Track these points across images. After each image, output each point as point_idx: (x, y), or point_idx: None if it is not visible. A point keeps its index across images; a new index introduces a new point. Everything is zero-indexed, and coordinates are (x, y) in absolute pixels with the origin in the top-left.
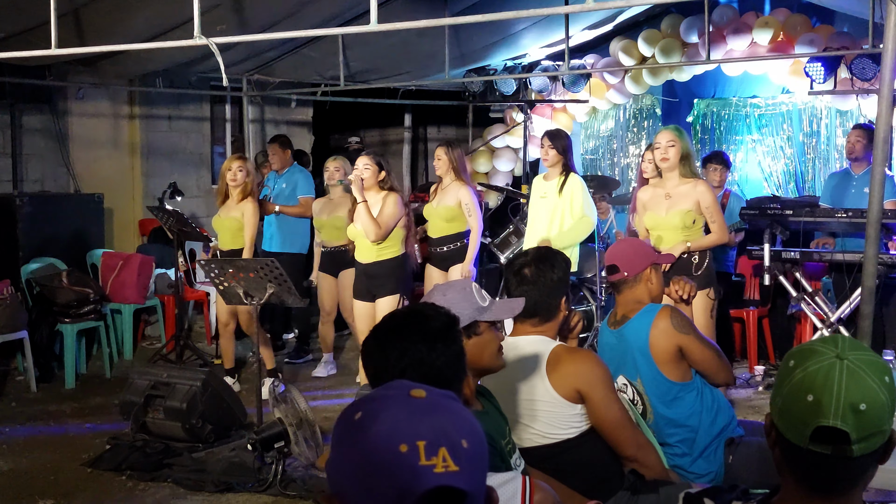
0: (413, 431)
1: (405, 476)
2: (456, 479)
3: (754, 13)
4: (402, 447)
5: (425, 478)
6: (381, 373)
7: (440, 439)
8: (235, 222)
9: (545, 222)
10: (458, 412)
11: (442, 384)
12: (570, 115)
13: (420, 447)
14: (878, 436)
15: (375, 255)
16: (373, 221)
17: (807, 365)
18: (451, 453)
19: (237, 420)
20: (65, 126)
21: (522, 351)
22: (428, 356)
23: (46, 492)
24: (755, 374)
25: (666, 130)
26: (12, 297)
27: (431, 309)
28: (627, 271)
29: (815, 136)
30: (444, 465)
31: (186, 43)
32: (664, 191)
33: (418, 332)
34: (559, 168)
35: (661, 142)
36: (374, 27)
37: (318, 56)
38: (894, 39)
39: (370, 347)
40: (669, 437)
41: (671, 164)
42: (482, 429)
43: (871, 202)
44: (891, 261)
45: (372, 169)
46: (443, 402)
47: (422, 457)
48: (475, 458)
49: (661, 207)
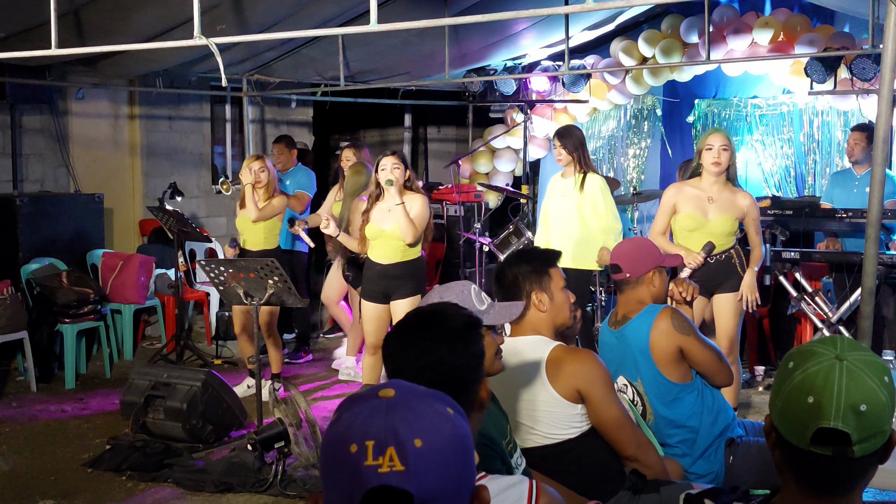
0: (364, 431)
1: (352, 476)
2: (401, 479)
3: (754, 13)
4: (352, 447)
5: (368, 477)
6: (401, 371)
7: (388, 439)
8: (268, 222)
9: (572, 220)
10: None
11: (459, 385)
12: (571, 116)
13: (369, 447)
14: (879, 436)
15: (401, 256)
16: (410, 223)
17: (806, 366)
18: (399, 453)
19: (237, 420)
20: (65, 126)
21: (522, 352)
22: (447, 356)
23: (46, 492)
24: (755, 374)
25: (719, 133)
26: (12, 297)
27: (453, 309)
28: (630, 272)
29: (816, 136)
30: (389, 465)
31: (186, 43)
32: (706, 194)
33: (439, 332)
34: (574, 166)
35: (715, 144)
36: (374, 27)
37: (318, 56)
38: (894, 39)
39: (391, 346)
40: (670, 437)
41: (723, 168)
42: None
43: (871, 202)
44: (890, 261)
45: (401, 168)
46: (411, 401)
47: (369, 457)
48: (431, 459)
49: (704, 209)
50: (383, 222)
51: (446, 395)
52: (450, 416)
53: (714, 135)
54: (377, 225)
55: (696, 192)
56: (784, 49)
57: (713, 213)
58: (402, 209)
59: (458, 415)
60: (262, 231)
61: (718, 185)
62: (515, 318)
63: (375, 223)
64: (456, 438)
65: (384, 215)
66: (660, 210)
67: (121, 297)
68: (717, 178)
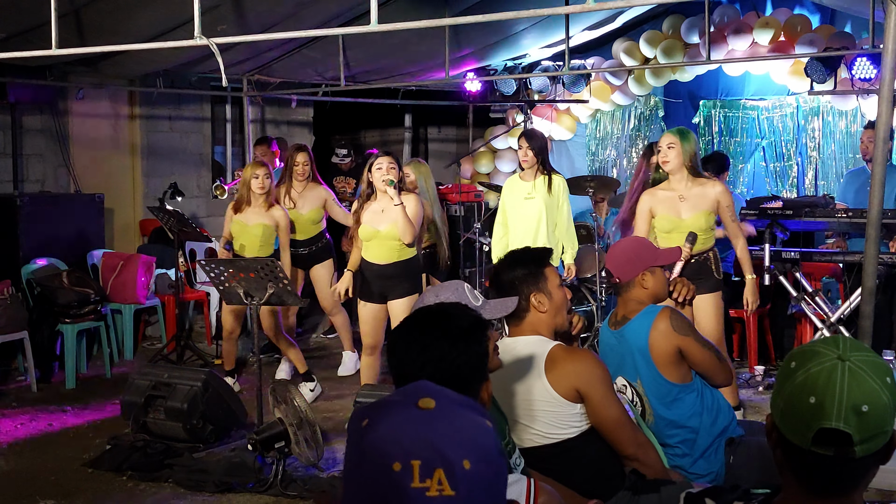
0: (409, 449)
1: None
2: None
3: (755, 13)
4: (395, 465)
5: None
6: (403, 367)
7: (437, 460)
8: (266, 229)
9: (539, 222)
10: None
11: (460, 383)
12: (574, 117)
13: (414, 467)
14: (881, 437)
15: (397, 256)
16: (410, 223)
17: (808, 366)
18: (448, 476)
19: (237, 420)
20: (65, 126)
21: (520, 351)
22: (449, 354)
23: (47, 492)
24: (755, 374)
25: (665, 134)
26: (13, 297)
27: (459, 309)
28: (619, 277)
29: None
30: (438, 489)
31: (187, 43)
32: (675, 193)
33: (442, 330)
34: (537, 168)
35: (662, 144)
36: (374, 27)
37: (319, 56)
38: (894, 39)
39: (395, 343)
40: (670, 438)
41: (673, 165)
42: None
43: (871, 202)
44: (891, 261)
45: (396, 168)
46: (452, 414)
47: (415, 478)
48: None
49: (677, 210)
50: (378, 223)
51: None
52: (488, 429)
53: (663, 136)
54: (371, 226)
55: (667, 194)
56: (784, 49)
57: (686, 212)
58: (401, 210)
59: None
60: (259, 238)
61: (685, 181)
62: (515, 319)
63: (369, 224)
64: (497, 453)
65: (377, 216)
66: (638, 218)
67: (121, 297)
68: (679, 175)
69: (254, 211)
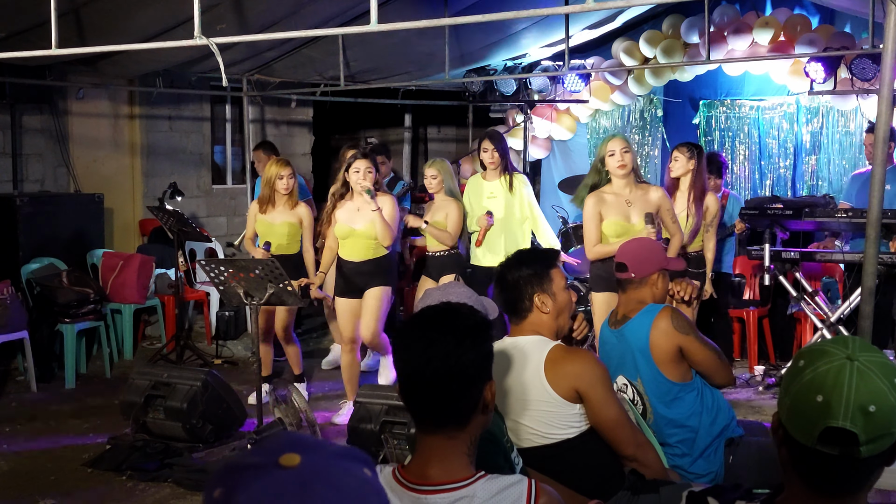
0: None
1: None
2: None
3: (755, 13)
4: None
5: None
6: (407, 363)
7: None
8: (293, 227)
9: (503, 220)
10: (342, 482)
11: (465, 381)
12: (574, 117)
13: None
14: (887, 437)
15: (372, 254)
16: (388, 227)
17: (817, 365)
18: None
19: (237, 420)
20: (65, 126)
21: (521, 351)
22: (455, 350)
23: (46, 492)
24: (755, 374)
25: (617, 138)
26: (12, 297)
27: (466, 308)
28: (635, 273)
29: (817, 136)
30: None
31: (186, 43)
32: (623, 197)
33: (449, 326)
34: (500, 168)
35: (616, 148)
36: (374, 27)
37: (318, 56)
38: (894, 39)
39: (399, 339)
40: (669, 437)
41: (629, 169)
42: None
43: (871, 202)
44: (891, 261)
45: (373, 173)
46: (324, 472)
47: None
48: None
49: (626, 214)
50: (354, 221)
51: (357, 449)
52: (378, 488)
53: (613, 140)
54: (347, 225)
55: (614, 198)
56: (784, 49)
57: (635, 216)
58: (378, 215)
59: (375, 475)
60: (286, 237)
61: (629, 186)
62: (517, 318)
63: (346, 223)
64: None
65: (353, 214)
66: (587, 222)
67: (121, 296)
68: (625, 180)
69: (279, 210)
